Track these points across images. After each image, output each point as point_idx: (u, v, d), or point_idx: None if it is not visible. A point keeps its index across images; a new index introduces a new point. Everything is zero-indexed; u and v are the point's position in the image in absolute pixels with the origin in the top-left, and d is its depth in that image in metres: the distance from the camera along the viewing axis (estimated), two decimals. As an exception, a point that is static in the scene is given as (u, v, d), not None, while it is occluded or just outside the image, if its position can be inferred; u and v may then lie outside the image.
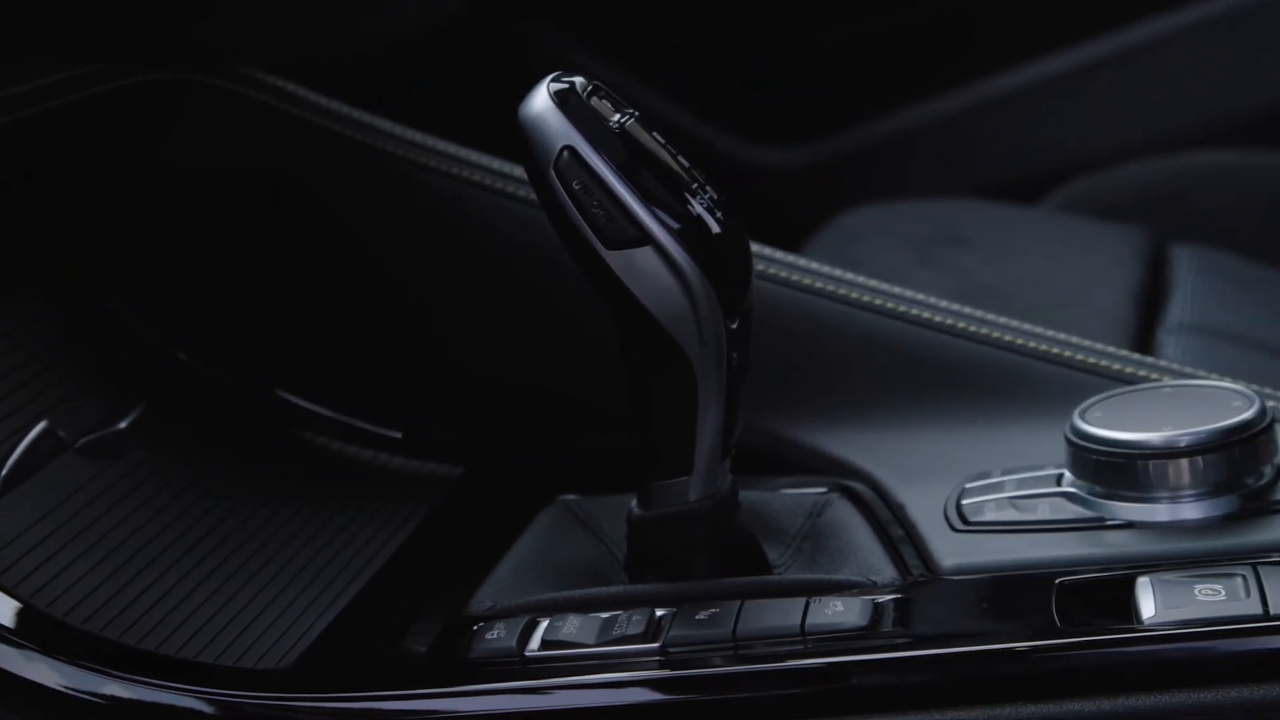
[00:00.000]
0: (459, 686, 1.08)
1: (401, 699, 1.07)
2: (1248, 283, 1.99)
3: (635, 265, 1.08)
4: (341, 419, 1.40)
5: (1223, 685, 1.01)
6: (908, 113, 2.52)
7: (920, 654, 1.05)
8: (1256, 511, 1.13)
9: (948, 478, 1.23)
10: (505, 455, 1.41)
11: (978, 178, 2.46)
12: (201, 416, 1.36)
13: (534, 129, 1.08)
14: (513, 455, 1.41)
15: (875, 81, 2.55)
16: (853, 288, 1.34)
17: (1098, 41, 2.46)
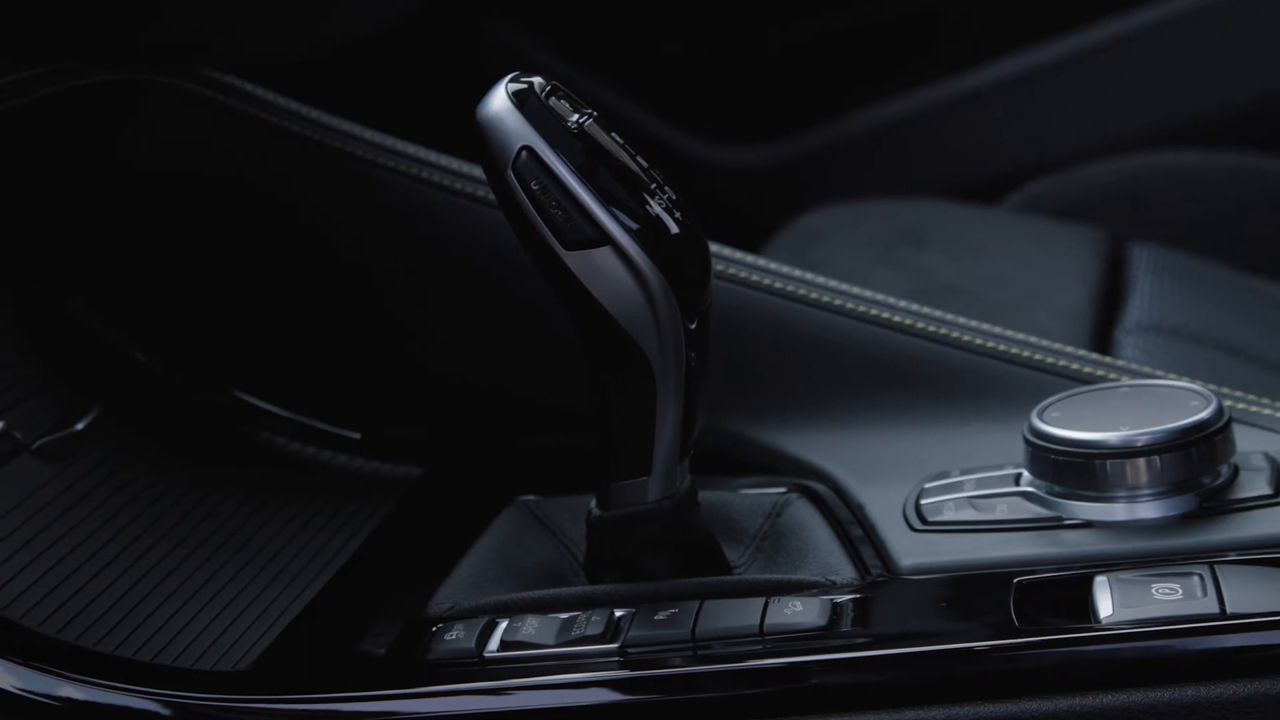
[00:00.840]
0: (417, 688, 1.07)
1: (360, 700, 1.07)
2: (1205, 282, 1.99)
3: (594, 266, 1.08)
4: (299, 420, 1.40)
5: (1180, 684, 1.02)
6: (869, 113, 2.53)
7: (879, 654, 1.05)
8: (1214, 511, 1.13)
9: (907, 478, 1.23)
10: (464, 456, 1.41)
11: (938, 178, 2.46)
12: (159, 417, 1.36)
13: (492, 129, 1.08)
14: (472, 456, 1.41)
15: (837, 82, 2.55)
16: (812, 288, 1.34)
17: (1057, 43, 2.46)
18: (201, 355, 1.41)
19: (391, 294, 1.41)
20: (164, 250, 1.42)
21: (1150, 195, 2.29)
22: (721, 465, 1.29)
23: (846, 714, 1.04)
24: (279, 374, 1.42)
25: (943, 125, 2.50)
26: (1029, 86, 2.47)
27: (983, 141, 2.48)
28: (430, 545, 1.25)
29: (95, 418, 1.30)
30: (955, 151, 2.50)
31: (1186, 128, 2.41)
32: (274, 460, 1.38)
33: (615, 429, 1.13)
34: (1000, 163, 2.44)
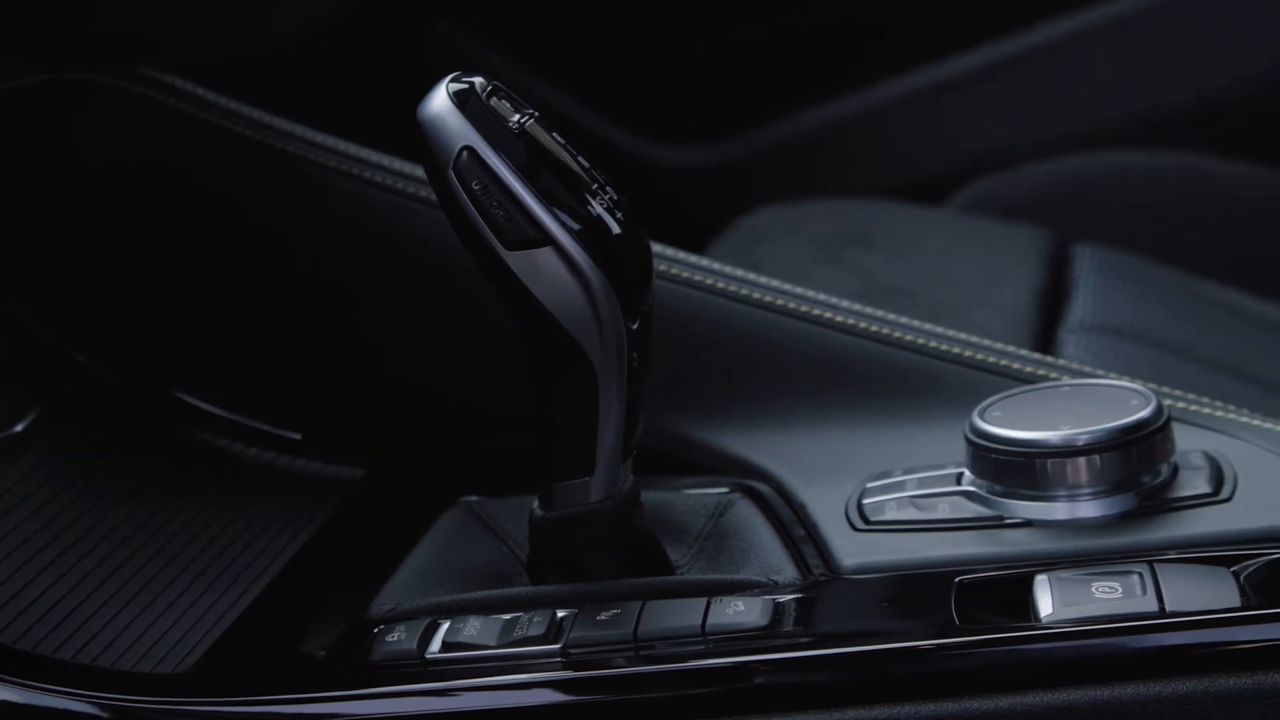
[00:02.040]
0: (359, 689, 1.07)
1: (300, 702, 1.07)
2: (1148, 282, 2.00)
3: (535, 266, 1.08)
4: (241, 421, 1.39)
5: (1119, 682, 1.02)
6: (813, 113, 2.53)
7: (820, 653, 1.05)
8: (1153, 509, 1.14)
9: (849, 477, 1.24)
10: (407, 457, 1.41)
11: (883, 178, 2.47)
12: (99, 419, 1.35)
13: (433, 129, 1.08)
14: (414, 457, 1.41)
15: (781, 82, 2.55)
16: (754, 288, 1.34)
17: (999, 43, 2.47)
18: (142, 356, 1.41)
19: (334, 294, 1.40)
20: (104, 251, 1.42)
21: (1094, 195, 2.30)
22: (664, 465, 1.30)
23: (788, 713, 1.04)
24: (220, 375, 1.41)
25: (888, 125, 2.50)
26: (974, 87, 2.48)
27: (928, 141, 2.49)
28: (373, 546, 1.25)
29: (34, 419, 1.29)
30: (900, 151, 2.50)
31: (1130, 128, 2.42)
32: (215, 461, 1.38)
33: (557, 429, 1.13)
34: (945, 163, 2.44)
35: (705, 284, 1.34)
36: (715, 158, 2.55)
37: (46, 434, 1.29)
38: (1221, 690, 1.01)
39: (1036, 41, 2.46)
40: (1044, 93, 2.46)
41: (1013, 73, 2.47)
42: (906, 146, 2.50)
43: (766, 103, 2.55)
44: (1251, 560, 1.08)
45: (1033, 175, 2.33)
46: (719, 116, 2.56)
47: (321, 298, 1.41)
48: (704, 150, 2.56)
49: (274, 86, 1.56)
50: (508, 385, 1.32)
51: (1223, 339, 1.89)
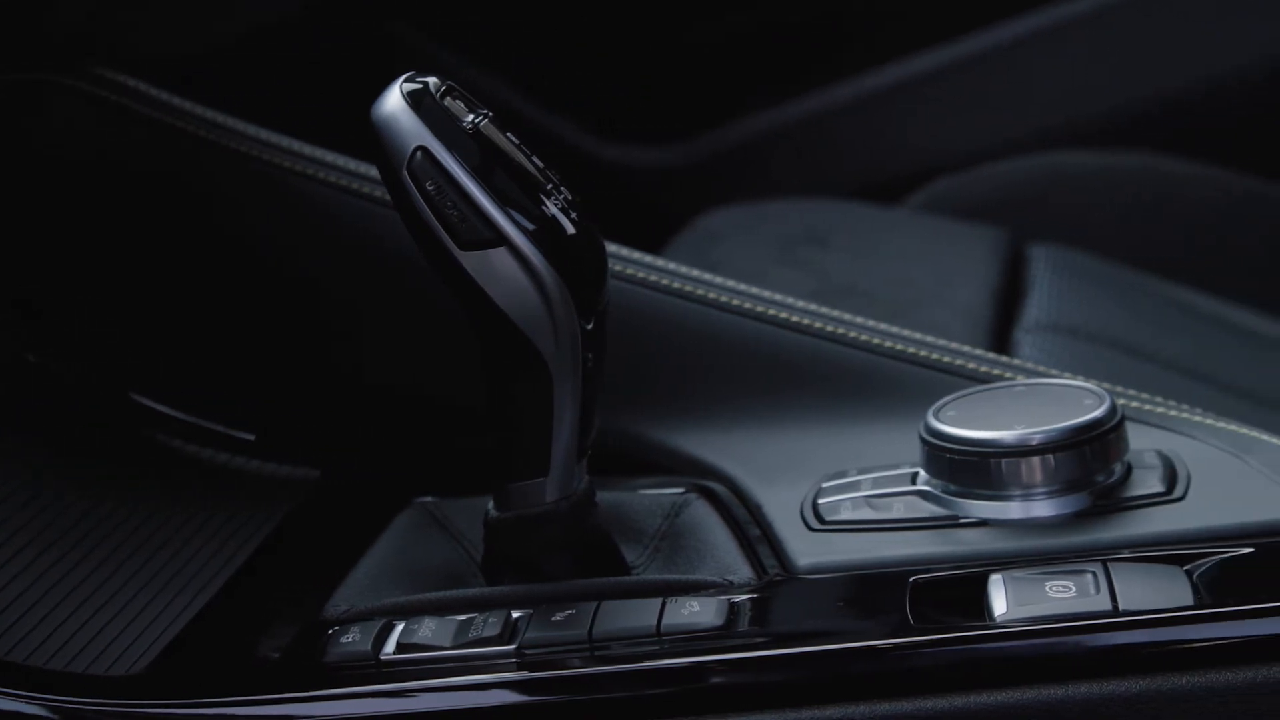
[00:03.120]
0: (313, 691, 1.07)
1: (254, 704, 1.06)
2: (1103, 282, 2.01)
3: (490, 266, 1.08)
4: (195, 422, 1.39)
5: (1073, 681, 1.02)
6: (771, 114, 2.53)
7: (775, 653, 1.05)
8: (1107, 509, 1.14)
9: (805, 477, 1.24)
10: (362, 457, 1.40)
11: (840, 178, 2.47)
12: (52, 419, 1.35)
13: (386, 130, 1.08)
14: (369, 457, 1.40)
15: (739, 82, 2.56)
16: (710, 288, 1.34)
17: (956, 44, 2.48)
18: (95, 357, 1.40)
19: (289, 295, 1.40)
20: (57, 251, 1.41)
21: (1050, 196, 2.31)
22: (620, 466, 1.29)
23: (743, 713, 1.04)
24: (175, 376, 1.41)
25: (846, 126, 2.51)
26: (931, 87, 2.49)
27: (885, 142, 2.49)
28: (327, 548, 1.24)
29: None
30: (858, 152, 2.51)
31: (1087, 129, 2.43)
32: (170, 462, 1.37)
33: (512, 430, 1.13)
34: (902, 163, 2.45)
35: (661, 284, 1.34)
36: (673, 158, 2.56)
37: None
38: (1174, 689, 1.02)
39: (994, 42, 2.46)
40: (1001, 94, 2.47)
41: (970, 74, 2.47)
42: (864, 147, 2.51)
43: (724, 103, 2.55)
44: (1204, 559, 1.08)
45: (990, 176, 2.33)
46: (677, 117, 2.56)
47: (276, 298, 1.40)
48: (662, 150, 2.56)
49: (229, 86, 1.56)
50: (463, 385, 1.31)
51: (1178, 339, 1.90)
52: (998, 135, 2.43)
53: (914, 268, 1.98)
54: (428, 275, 1.10)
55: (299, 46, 2.24)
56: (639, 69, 2.59)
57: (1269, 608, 1.03)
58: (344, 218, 1.37)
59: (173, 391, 1.40)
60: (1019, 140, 2.41)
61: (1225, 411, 1.29)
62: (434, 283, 1.10)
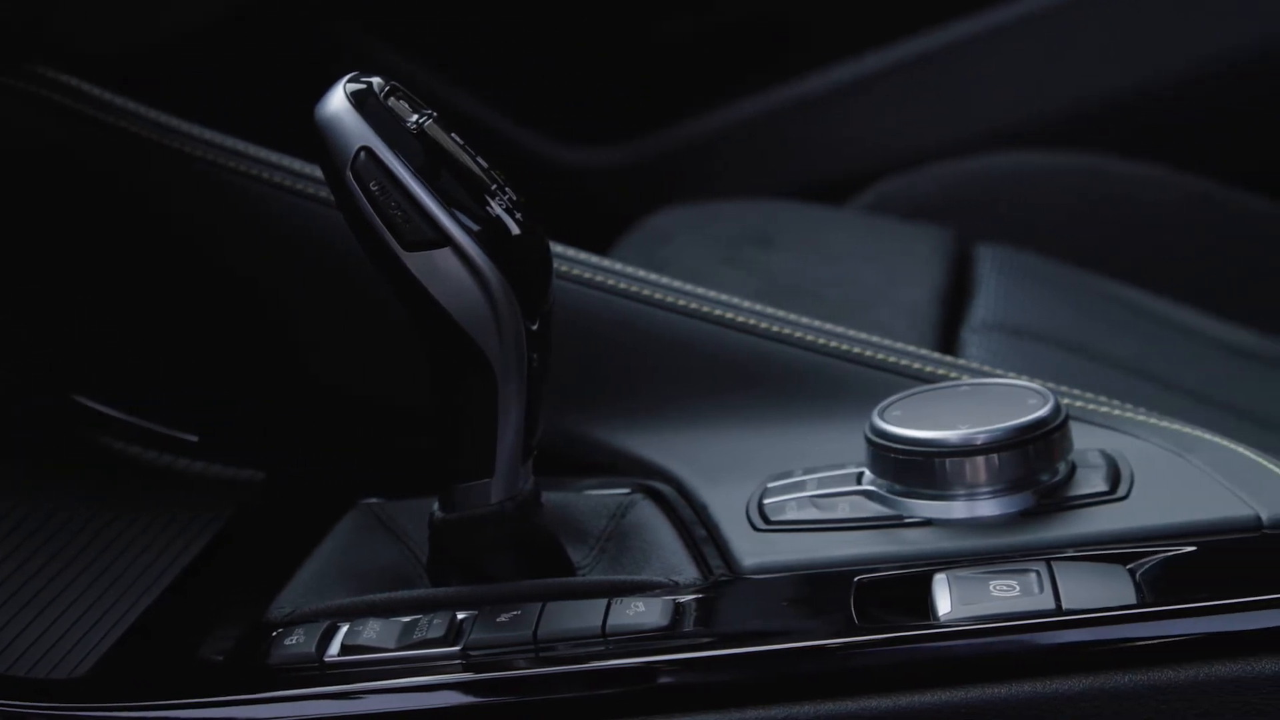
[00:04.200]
0: (256, 693, 1.06)
1: (197, 706, 1.06)
2: (1050, 282, 2.02)
3: (434, 267, 1.08)
4: (138, 423, 1.38)
5: (1016, 680, 1.02)
6: (718, 114, 2.54)
7: (720, 653, 1.05)
8: (1051, 508, 1.15)
9: (750, 477, 1.24)
10: (307, 459, 1.40)
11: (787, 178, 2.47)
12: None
13: (330, 130, 1.07)
14: (314, 459, 1.40)
15: (687, 82, 2.56)
16: (656, 288, 1.34)
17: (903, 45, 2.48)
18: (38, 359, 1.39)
19: (232, 296, 1.39)
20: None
21: (997, 196, 2.32)
22: (566, 466, 1.29)
23: (688, 714, 1.04)
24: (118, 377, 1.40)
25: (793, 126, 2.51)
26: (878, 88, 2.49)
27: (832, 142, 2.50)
28: (272, 549, 1.24)
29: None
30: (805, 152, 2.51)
31: (1033, 129, 2.44)
32: (113, 464, 1.36)
33: (457, 431, 1.13)
34: (849, 163, 2.45)
35: (607, 284, 1.34)
36: (620, 158, 2.55)
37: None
38: (1117, 687, 1.02)
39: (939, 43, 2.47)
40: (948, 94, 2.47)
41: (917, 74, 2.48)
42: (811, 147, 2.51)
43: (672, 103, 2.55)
44: (1147, 558, 1.09)
45: (936, 176, 2.34)
46: (625, 117, 2.56)
47: (220, 299, 1.39)
48: (609, 151, 2.56)
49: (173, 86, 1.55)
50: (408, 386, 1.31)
51: (1123, 338, 1.91)
52: (944, 135, 2.44)
53: (861, 268, 1.98)
54: (372, 276, 1.10)
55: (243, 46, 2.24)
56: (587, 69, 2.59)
57: (1211, 606, 1.04)
58: (288, 218, 1.36)
59: (116, 393, 1.39)
60: (965, 140, 2.42)
61: (1170, 410, 1.30)
62: (379, 284, 1.10)
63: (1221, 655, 1.02)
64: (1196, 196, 2.30)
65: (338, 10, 2.51)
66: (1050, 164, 2.35)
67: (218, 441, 1.39)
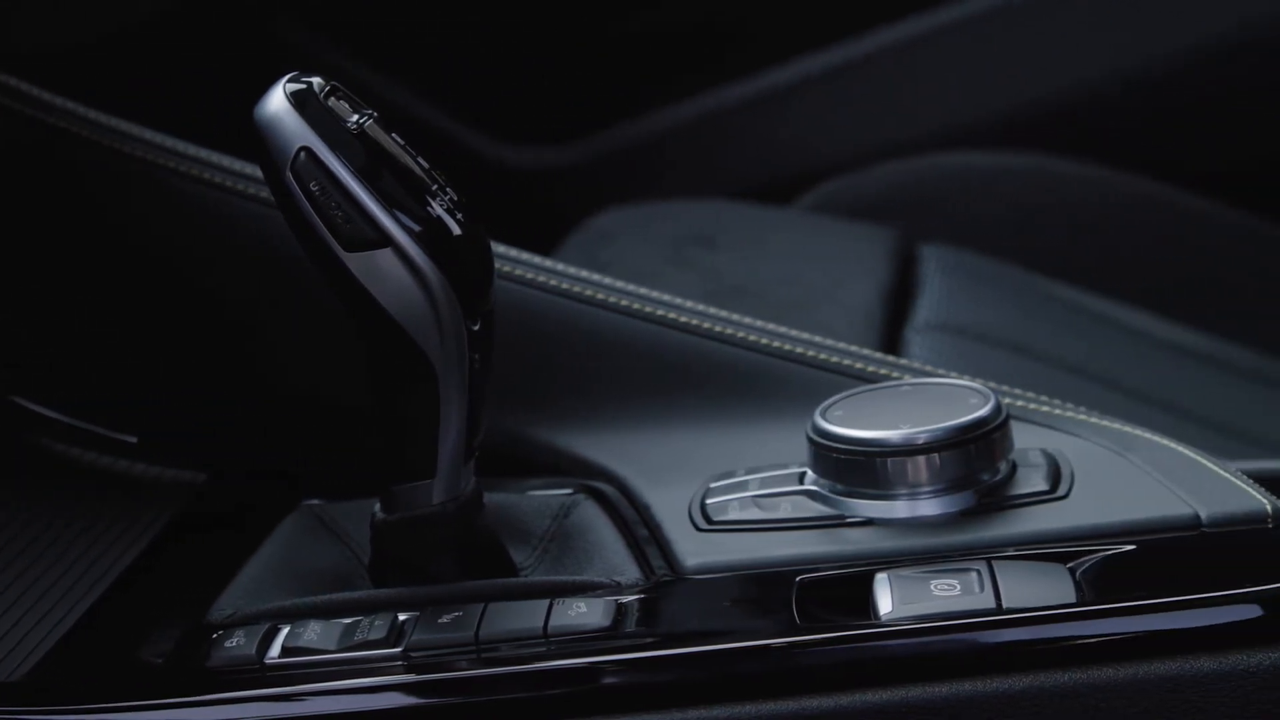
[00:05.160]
0: (196, 695, 1.06)
1: (136, 709, 1.05)
2: (993, 282, 2.03)
3: (375, 267, 1.07)
4: (77, 424, 1.37)
5: (957, 679, 1.03)
6: (662, 114, 2.54)
7: (662, 654, 1.05)
8: (992, 507, 1.15)
9: (693, 477, 1.24)
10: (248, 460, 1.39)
11: (732, 179, 2.48)
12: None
13: (270, 130, 1.07)
14: (256, 460, 1.39)
15: (631, 82, 2.56)
16: (598, 288, 1.34)
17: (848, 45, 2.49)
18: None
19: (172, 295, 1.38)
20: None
21: (941, 195, 2.33)
22: (508, 467, 1.29)
23: (630, 714, 1.04)
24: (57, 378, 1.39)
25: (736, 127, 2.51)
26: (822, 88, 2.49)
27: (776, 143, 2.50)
28: (213, 551, 1.23)
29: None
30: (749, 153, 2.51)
31: (978, 129, 2.45)
32: (51, 466, 1.36)
33: (398, 431, 1.13)
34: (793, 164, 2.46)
35: (549, 285, 1.34)
36: (564, 158, 2.55)
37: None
38: (1057, 685, 1.02)
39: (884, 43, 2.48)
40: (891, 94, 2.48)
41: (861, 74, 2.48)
42: (754, 148, 2.51)
43: (616, 103, 2.55)
44: (1087, 556, 1.09)
45: (880, 176, 2.34)
46: (569, 117, 2.56)
47: (160, 299, 1.39)
48: (553, 151, 2.56)
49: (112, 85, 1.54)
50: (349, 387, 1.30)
51: (1066, 338, 1.92)
52: (888, 135, 2.44)
53: (805, 268, 1.99)
54: (312, 276, 1.09)
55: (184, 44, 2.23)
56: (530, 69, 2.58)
57: (1150, 604, 1.04)
58: (229, 218, 1.36)
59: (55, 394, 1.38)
60: (910, 141, 2.42)
61: (1111, 410, 1.30)
62: (319, 284, 1.10)
63: (1160, 653, 1.03)
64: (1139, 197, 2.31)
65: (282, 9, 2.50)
66: (994, 164, 2.36)
67: (158, 443, 1.38)
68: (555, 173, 2.55)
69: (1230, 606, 1.04)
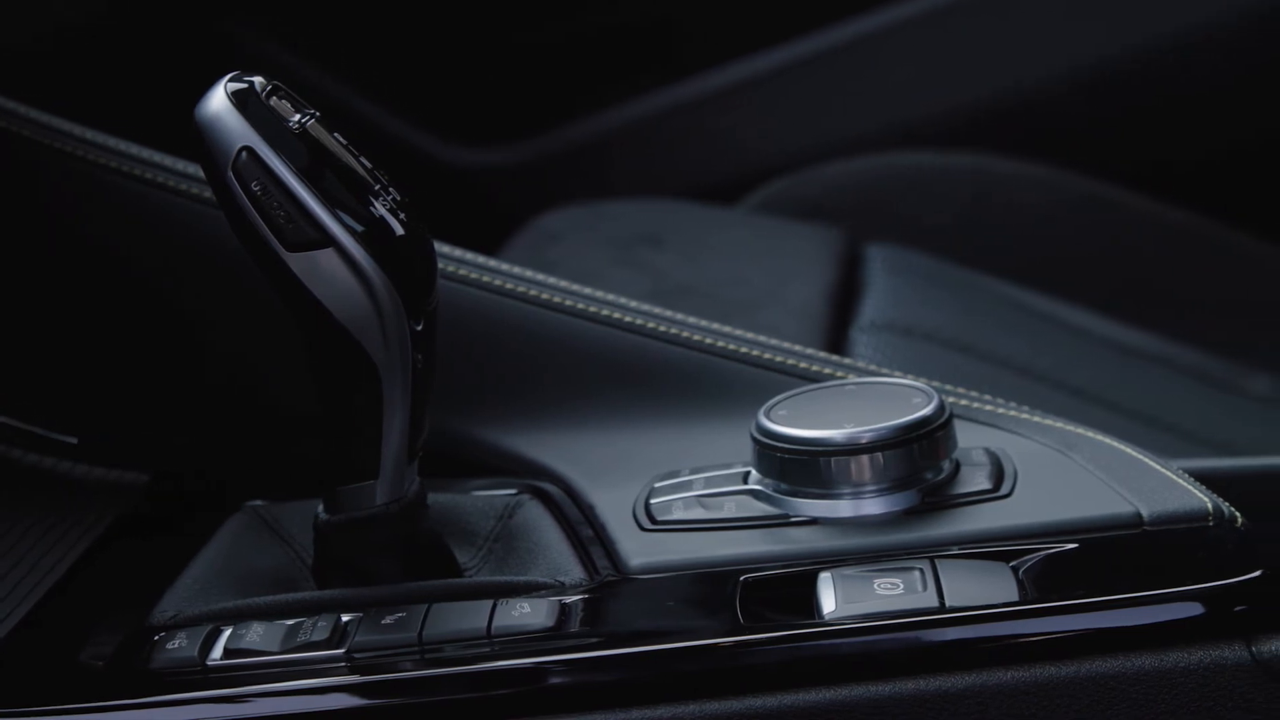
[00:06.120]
0: (138, 698, 1.05)
1: (78, 713, 1.05)
2: (938, 281, 2.03)
3: (317, 268, 1.07)
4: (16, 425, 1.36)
5: (900, 678, 1.03)
6: (608, 114, 2.54)
7: (605, 654, 1.05)
8: (935, 506, 1.15)
9: (638, 477, 1.24)
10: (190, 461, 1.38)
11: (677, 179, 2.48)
12: None
13: (211, 130, 1.07)
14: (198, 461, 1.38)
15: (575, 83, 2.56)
16: (543, 288, 1.34)
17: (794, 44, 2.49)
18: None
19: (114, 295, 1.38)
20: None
21: (887, 195, 2.33)
22: (452, 467, 1.29)
23: (574, 714, 1.04)
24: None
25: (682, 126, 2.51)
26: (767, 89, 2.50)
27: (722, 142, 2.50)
28: (155, 553, 1.23)
29: None
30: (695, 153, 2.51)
31: (924, 129, 2.45)
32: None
33: (341, 432, 1.12)
34: (739, 163, 2.46)
35: (494, 285, 1.34)
36: (511, 158, 2.55)
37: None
38: (999, 683, 1.03)
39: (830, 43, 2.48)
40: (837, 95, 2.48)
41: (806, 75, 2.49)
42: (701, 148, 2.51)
43: (561, 104, 2.55)
44: (1029, 555, 1.10)
45: (825, 176, 2.35)
46: (514, 117, 2.55)
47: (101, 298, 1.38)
48: (499, 151, 2.55)
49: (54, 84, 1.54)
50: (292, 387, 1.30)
51: (1011, 337, 1.93)
52: (834, 136, 2.45)
53: (750, 268, 1.99)
54: (255, 276, 1.09)
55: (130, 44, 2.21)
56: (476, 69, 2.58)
57: (1091, 603, 1.05)
58: (172, 218, 1.35)
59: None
60: (856, 140, 2.42)
61: (1055, 408, 1.31)
62: (262, 284, 1.09)
63: (1102, 651, 1.03)
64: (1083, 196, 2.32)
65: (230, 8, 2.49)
66: (939, 164, 2.36)
67: (99, 444, 1.37)
68: (501, 172, 2.54)
69: (1171, 605, 1.05)
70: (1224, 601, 1.05)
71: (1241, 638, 1.04)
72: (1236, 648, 1.03)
